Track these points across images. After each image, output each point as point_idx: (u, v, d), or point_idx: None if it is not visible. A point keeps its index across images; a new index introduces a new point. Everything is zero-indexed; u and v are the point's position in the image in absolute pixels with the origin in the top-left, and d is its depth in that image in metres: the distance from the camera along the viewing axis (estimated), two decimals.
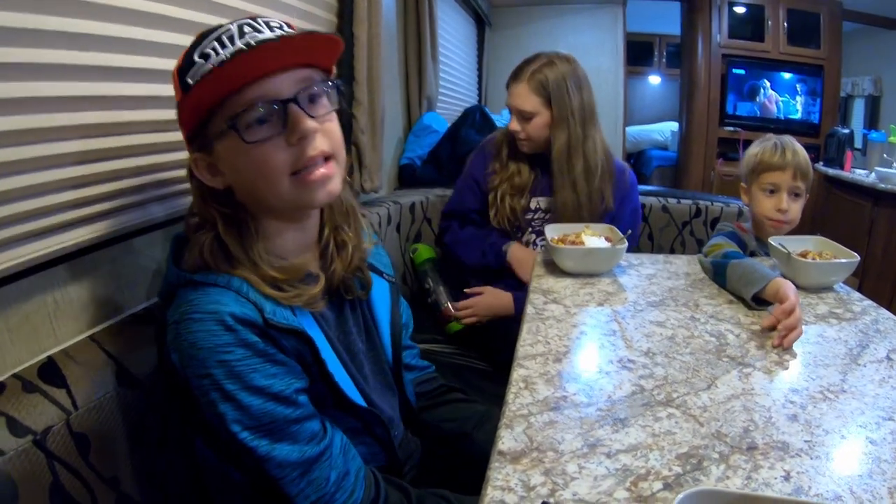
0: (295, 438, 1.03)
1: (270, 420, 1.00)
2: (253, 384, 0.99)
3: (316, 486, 1.05)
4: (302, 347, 1.08)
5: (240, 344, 0.99)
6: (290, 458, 1.02)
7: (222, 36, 1.01)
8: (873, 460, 0.93)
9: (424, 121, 3.47)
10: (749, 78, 7.09)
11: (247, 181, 1.07)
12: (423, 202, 2.85)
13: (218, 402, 0.97)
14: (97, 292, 1.27)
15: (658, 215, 3.01)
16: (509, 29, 6.46)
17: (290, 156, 1.04)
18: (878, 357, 1.30)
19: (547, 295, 1.64)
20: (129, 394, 1.16)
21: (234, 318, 0.99)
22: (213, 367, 0.97)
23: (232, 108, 1.00)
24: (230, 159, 1.05)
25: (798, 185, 1.93)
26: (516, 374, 1.20)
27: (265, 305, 1.03)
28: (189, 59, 1.02)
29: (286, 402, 1.03)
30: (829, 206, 5.49)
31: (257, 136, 1.01)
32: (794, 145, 1.96)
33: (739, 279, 1.62)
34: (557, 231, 1.96)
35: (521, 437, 0.99)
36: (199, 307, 0.99)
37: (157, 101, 1.36)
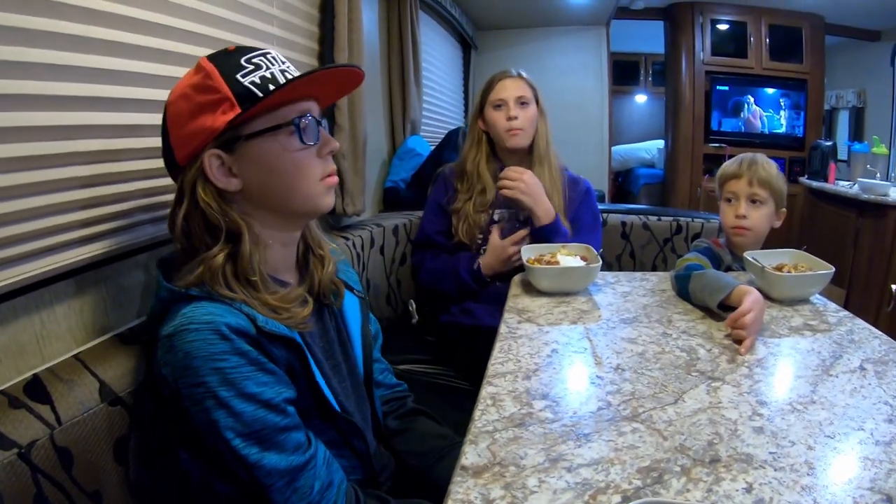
0: (283, 447, 1.06)
1: (261, 427, 1.03)
2: (246, 391, 1.02)
3: (301, 494, 1.08)
4: (291, 357, 1.13)
5: (234, 352, 1.03)
6: (279, 467, 1.05)
7: (266, 55, 1.16)
8: (839, 470, 0.93)
9: (408, 144, 3.48)
10: (733, 94, 7.12)
11: (280, 181, 1.16)
12: (406, 224, 2.85)
13: (212, 409, 1.00)
14: (83, 313, 1.31)
15: (639, 233, 3.00)
16: (495, 51, 6.50)
17: (321, 165, 1.20)
18: (851, 367, 1.29)
19: (521, 314, 1.64)
20: (113, 411, 1.17)
21: (230, 328, 1.03)
22: (208, 375, 1.00)
23: (285, 113, 1.14)
24: (267, 158, 1.14)
25: (756, 192, 1.98)
26: (484, 392, 1.20)
27: (258, 317, 1.08)
28: (234, 61, 1.12)
29: (276, 410, 1.06)
30: (815, 219, 5.51)
31: (309, 140, 1.16)
32: (756, 157, 2.03)
33: (703, 290, 1.64)
34: (533, 251, 1.98)
35: (484, 452, 0.99)
36: (195, 318, 1.03)
37: (141, 130, 1.42)
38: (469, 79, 6.00)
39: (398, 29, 3.46)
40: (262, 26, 2.01)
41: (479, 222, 2.39)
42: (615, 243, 3.01)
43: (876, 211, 4.45)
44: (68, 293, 1.27)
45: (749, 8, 6.84)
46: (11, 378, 1.12)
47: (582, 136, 6.37)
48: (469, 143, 2.47)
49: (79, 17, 1.24)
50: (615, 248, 3.01)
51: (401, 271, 2.81)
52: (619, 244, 3.02)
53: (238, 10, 1.85)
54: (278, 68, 1.15)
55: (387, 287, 2.70)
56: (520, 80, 2.41)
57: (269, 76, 1.12)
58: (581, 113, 6.44)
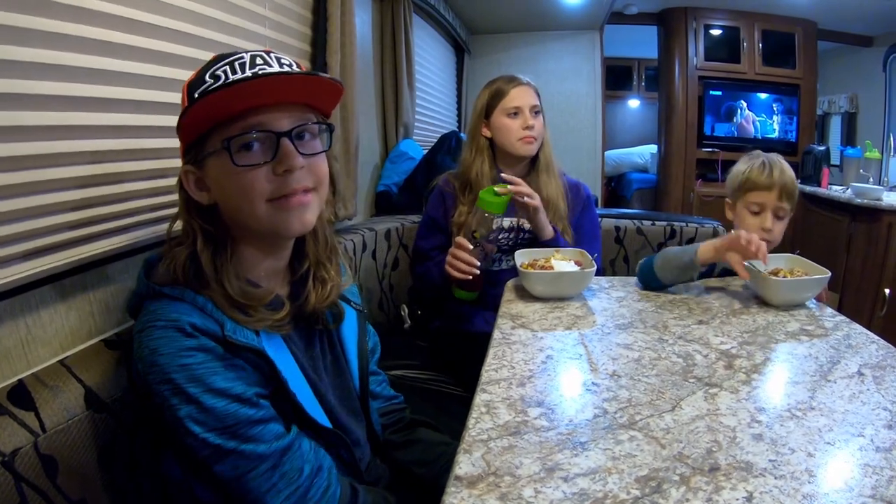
0: (260, 439, 1.05)
1: (235, 422, 1.02)
2: (214, 386, 1.01)
3: (288, 479, 1.07)
4: (260, 365, 1.11)
5: (200, 349, 1.03)
6: (258, 451, 1.04)
7: (235, 62, 1.08)
8: (840, 477, 0.92)
9: (401, 147, 3.48)
10: (726, 99, 7.14)
11: (229, 201, 1.12)
12: (398, 229, 2.84)
13: (180, 406, 1.00)
14: (69, 318, 1.30)
15: (633, 238, 3.00)
16: (488, 56, 6.50)
17: (273, 185, 1.10)
18: (849, 372, 1.28)
19: (515, 320, 1.63)
20: (98, 417, 1.16)
21: (194, 327, 1.03)
22: (175, 372, 1.00)
23: (229, 130, 1.07)
24: (218, 177, 1.11)
25: (783, 205, 1.94)
26: (478, 399, 1.18)
27: (226, 323, 1.08)
28: (201, 76, 1.09)
29: (248, 404, 1.05)
30: (808, 223, 5.51)
31: (247, 161, 1.08)
32: (781, 164, 1.97)
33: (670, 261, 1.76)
34: (527, 256, 1.97)
35: (478, 462, 0.97)
36: (162, 316, 1.04)
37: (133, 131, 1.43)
38: (462, 83, 6.00)
39: (391, 32, 3.47)
40: (254, 27, 2.01)
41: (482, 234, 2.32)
42: (609, 248, 3.00)
43: (869, 215, 4.45)
44: (54, 297, 1.26)
45: (742, 13, 6.86)
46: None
47: (575, 141, 6.39)
48: (471, 151, 2.41)
49: (72, 17, 1.23)
50: (609, 253, 3.01)
51: (393, 276, 2.81)
52: (613, 249, 3.01)
53: (231, 12, 1.84)
54: (239, 75, 1.07)
55: (379, 292, 2.69)
56: (530, 88, 2.37)
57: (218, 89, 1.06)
58: (574, 118, 6.45)
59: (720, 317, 1.63)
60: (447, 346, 2.40)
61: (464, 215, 2.34)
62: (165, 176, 1.54)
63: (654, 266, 1.79)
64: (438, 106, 5.10)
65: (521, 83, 2.36)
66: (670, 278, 1.80)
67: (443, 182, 2.49)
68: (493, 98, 2.37)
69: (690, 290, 1.86)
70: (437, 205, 2.45)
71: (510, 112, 2.32)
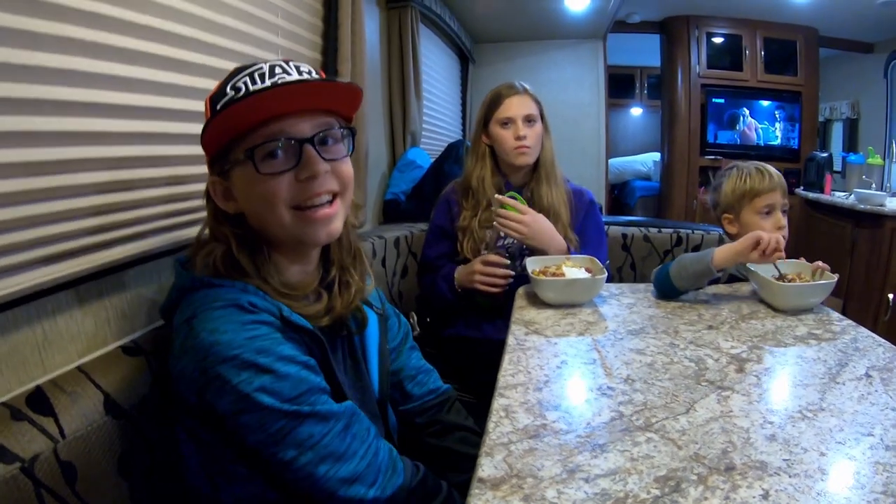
0: (329, 402, 1.07)
1: (307, 388, 1.04)
2: (284, 354, 1.03)
3: (360, 438, 1.09)
4: (314, 348, 1.14)
5: (263, 322, 1.05)
6: (334, 408, 1.06)
7: (255, 73, 1.10)
8: (852, 475, 0.93)
9: (408, 156, 3.49)
10: (728, 107, 7.16)
11: (254, 209, 1.15)
12: (407, 237, 2.86)
13: (251, 380, 0.99)
14: (86, 323, 1.29)
15: (640, 245, 3.02)
16: (492, 65, 6.52)
17: (296, 191, 1.12)
18: (857, 375, 1.30)
19: (528, 326, 1.64)
20: (117, 424, 1.16)
21: (253, 305, 1.06)
22: (241, 346, 1.00)
23: (252, 140, 1.09)
24: (243, 187, 1.13)
25: (786, 202, 2.02)
26: (497, 404, 1.19)
27: (282, 307, 1.11)
28: (222, 89, 1.12)
29: (315, 371, 1.08)
30: (811, 230, 5.52)
31: (270, 169, 1.10)
32: (771, 167, 2.05)
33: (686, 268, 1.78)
34: (538, 263, 1.99)
35: (500, 464, 0.99)
36: (220, 297, 1.06)
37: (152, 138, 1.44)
38: (467, 92, 6.01)
39: (399, 41, 3.48)
40: (267, 36, 2.04)
41: (485, 238, 2.38)
42: (616, 255, 3.02)
43: (872, 221, 4.47)
44: (71, 303, 1.26)
45: (744, 21, 6.88)
46: (13, 389, 1.11)
47: (578, 149, 6.38)
48: (473, 159, 2.43)
49: (88, 23, 1.24)
50: (616, 260, 3.02)
51: (402, 283, 2.82)
52: (620, 256, 3.03)
53: (244, 20, 1.87)
54: (259, 86, 1.09)
55: (388, 299, 2.69)
56: (526, 96, 2.37)
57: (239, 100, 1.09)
58: (578, 126, 6.45)
59: (729, 322, 1.64)
60: (456, 352, 2.40)
61: (467, 220, 2.37)
62: (183, 182, 1.55)
63: (671, 274, 1.81)
64: (444, 115, 5.11)
65: (516, 92, 2.37)
66: (686, 285, 1.82)
67: (449, 190, 2.52)
68: (489, 107, 2.40)
69: (699, 297, 1.87)
70: (443, 212, 2.48)
71: (503, 122, 2.34)
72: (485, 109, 2.41)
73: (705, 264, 1.77)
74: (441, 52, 5.12)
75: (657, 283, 1.89)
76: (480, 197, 2.37)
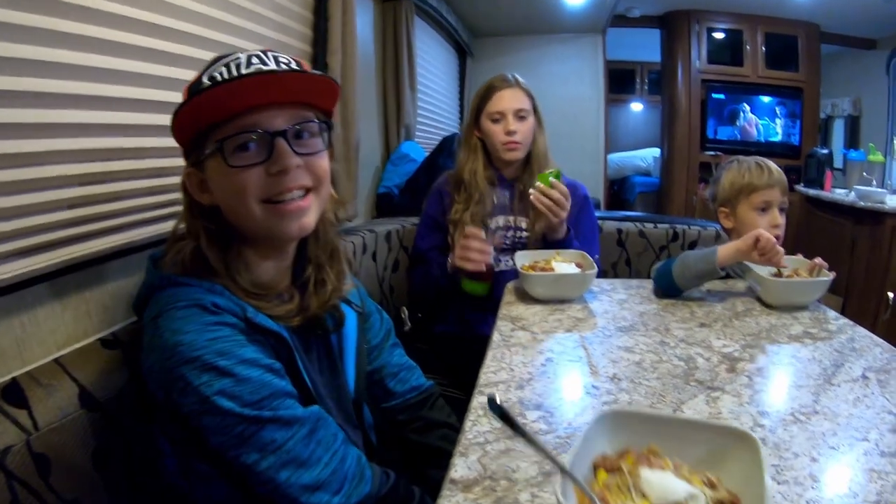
0: (294, 407, 1.04)
1: (270, 392, 1.01)
2: (246, 357, 1.00)
3: (325, 445, 1.06)
4: (279, 351, 1.10)
5: (224, 324, 1.02)
6: (297, 413, 1.03)
7: (231, 63, 1.06)
8: (845, 483, 0.90)
9: (402, 150, 3.47)
10: (729, 102, 7.13)
11: (226, 202, 1.11)
12: (398, 230, 2.82)
13: (211, 382, 0.97)
14: (65, 317, 1.28)
15: (635, 240, 2.98)
16: (490, 59, 6.51)
17: (267, 185, 1.09)
18: (853, 376, 1.27)
19: (515, 322, 1.62)
20: (92, 417, 1.15)
21: (216, 306, 1.03)
22: (202, 348, 0.97)
23: (224, 131, 1.06)
24: (216, 179, 1.10)
25: (785, 200, 1.98)
26: (475, 402, 1.17)
27: (247, 308, 1.07)
28: (199, 78, 1.09)
29: (279, 375, 1.05)
30: (811, 227, 5.50)
31: (241, 162, 1.06)
32: (771, 163, 2.01)
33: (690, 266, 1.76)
34: (527, 258, 1.96)
35: (474, 465, 0.96)
36: (183, 297, 1.03)
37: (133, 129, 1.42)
38: (465, 86, 6.00)
39: (393, 33, 3.48)
40: (256, 28, 2.00)
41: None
42: (611, 251, 2.98)
43: (873, 219, 4.44)
44: (50, 295, 1.25)
45: (745, 16, 6.85)
46: None
47: (578, 145, 6.38)
48: (465, 152, 2.40)
49: (72, 15, 1.22)
50: (611, 256, 2.99)
51: (393, 278, 2.79)
52: (615, 252, 2.99)
53: (232, 12, 1.84)
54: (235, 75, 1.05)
55: (379, 294, 2.67)
56: (518, 89, 2.34)
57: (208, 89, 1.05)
58: (577, 121, 6.45)
59: (723, 319, 1.62)
60: (448, 349, 2.37)
61: (459, 213, 2.34)
62: (163, 175, 1.53)
63: (674, 273, 1.77)
64: (440, 108, 5.10)
65: (508, 85, 2.34)
66: (690, 285, 1.79)
67: (442, 181, 2.49)
68: (481, 100, 2.37)
69: (693, 293, 1.84)
70: (435, 203, 2.44)
71: (493, 117, 2.31)
72: (477, 101, 2.39)
73: (711, 264, 1.74)
74: (438, 45, 5.10)
75: (659, 280, 1.86)
76: (472, 190, 2.34)
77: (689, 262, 1.78)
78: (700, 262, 1.76)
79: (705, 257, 1.76)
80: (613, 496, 0.80)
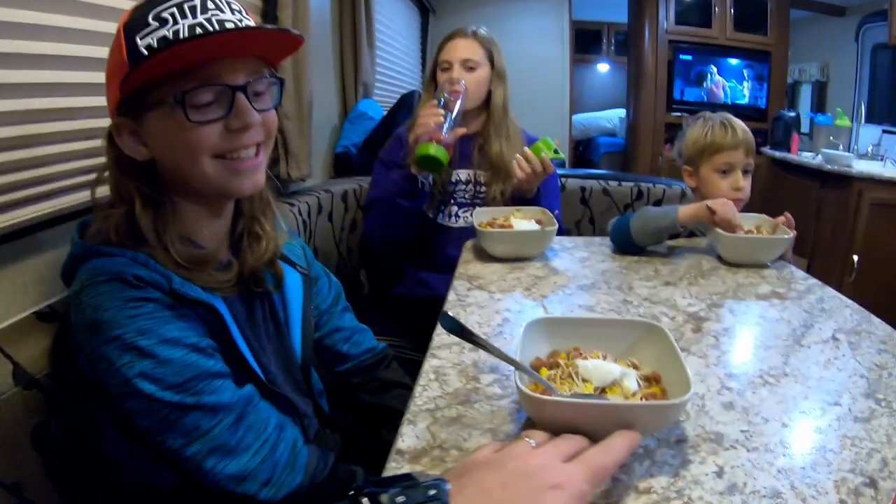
0: (221, 391, 0.97)
1: (194, 373, 0.95)
2: (168, 336, 0.95)
3: (255, 431, 1.00)
4: (211, 323, 1.04)
5: (148, 299, 0.96)
6: (223, 400, 0.97)
7: (184, 4, 0.97)
8: (817, 450, 0.85)
9: (360, 108, 3.39)
10: (696, 64, 7.11)
11: (173, 157, 1.04)
12: (356, 190, 2.74)
13: (132, 363, 0.92)
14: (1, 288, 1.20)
15: (599, 198, 2.94)
16: (453, 16, 6.38)
17: (224, 141, 1.03)
18: (823, 337, 1.23)
19: (472, 281, 1.56)
20: (28, 395, 1.07)
21: (139, 279, 0.96)
22: (123, 326, 0.92)
23: (182, 82, 0.98)
24: (162, 132, 1.02)
25: (749, 161, 1.91)
26: (427, 366, 1.11)
27: (173, 277, 1.01)
28: (142, 18, 0.97)
29: (206, 354, 0.98)
30: (778, 189, 5.54)
31: (201, 117, 1.00)
32: (738, 122, 1.95)
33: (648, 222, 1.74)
34: (486, 215, 1.91)
35: (423, 434, 0.90)
36: (103, 270, 0.97)
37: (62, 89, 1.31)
38: (427, 43, 5.91)
39: None
40: None
41: (442, 180, 2.32)
42: (574, 209, 2.94)
43: (839, 182, 4.46)
44: None
45: None
46: None
47: (542, 104, 6.31)
48: (423, 102, 2.35)
49: None
50: (574, 214, 2.94)
51: (351, 239, 2.71)
52: (578, 210, 2.95)
53: None
54: (191, 21, 0.97)
55: (336, 255, 2.59)
56: (472, 40, 2.31)
57: (171, 35, 0.96)
58: (541, 81, 6.38)
59: (688, 278, 1.58)
60: (407, 311, 2.34)
61: None
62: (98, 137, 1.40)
63: (632, 229, 1.73)
64: (401, 65, 5.03)
65: (462, 35, 2.34)
66: (647, 241, 1.75)
67: (403, 129, 2.44)
68: (437, 51, 2.38)
69: (657, 251, 1.81)
70: (396, 147, 2.35)
71: (443, 66, 2.31)
72: (435, 53, 2.39)
73: (671, 220, 1.71)
74: (398, 1, 4.98)
75: (615, 235, 1.83)
76: None
77: (649, 218, 1.75)
78: (661, 219, 1.73)
79: (666, 214, 1.73)
80: (559, 384, 0.91)
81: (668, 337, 0.96)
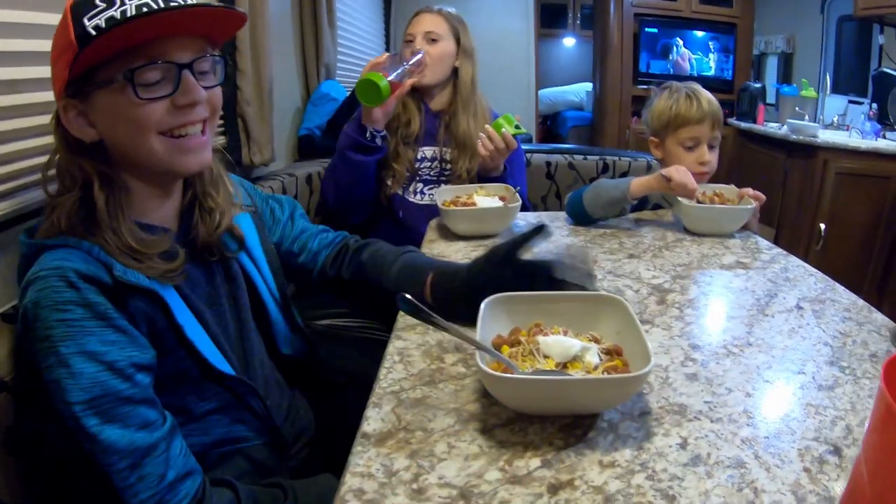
0: (125, 421, 0.94)
1: (101, 393, 0.92)
2: (87, 348, 0.93)
3: (147, 483, 0.94)
4: (153, 311, 1.03)
5: (81, 303, 0.94)
6: (118, 444, 0.92)
7: None
8: (781, 419, 0.86)
9: (322, 89, 3.34)
10: (662, 37, 7.11)
11: (121, 136, 1.04)
12: (320, 173, 2.69)
13: (54, 367, 0.91)
14: None
15: (565, 173, 2.92)
16: None
17: (170, 118, 1.04)
18: (787, 306, 1.24)
19: None
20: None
21: (78, 275, 0.94)
22: (53, 328, 0.91)
23: (129, 60, 0.98)
24: (111, 110, 1.02)
25: (715, 134, 1.90)
26: (391, 347, 1.11)
27: (115, 265, 0.99)
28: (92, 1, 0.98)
29: (120, 376, 0.95)
30: (744, 160, 5.58)
31: (149, 94, 1.00)
32: (705, 93, 1.93)
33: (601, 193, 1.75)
34: (449, 193, 1.90)
35: (388, 416, 0.89)
36: (45, 265, 0.95)
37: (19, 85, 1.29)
38: (390, 21, 5.83)
39: None
40: None
41: (408, 156, 2.30)
42: (540, 184, 2.93)
43: (804, 152, 4.49)
44: None
45: None
46: None
47: (507, 79, 6.25)
48: None
49: None
50: (540, 189, 2.93)
51: (316, 222, 2.66)
52: (544, 185, 2.94)
53: None
54: (138, 1, 0.97)
55: None
56: (437, 15, 2.33)
57: (118, 15, 0.96)
58: (507, 55, 6.30)
59: (652, 250, 1.58)
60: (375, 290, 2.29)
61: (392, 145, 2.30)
62: None
63: (584, 200, 1.73)
64: (364, 45, 4.94)
65: (427, 11, 2.36)
66: (601, 213, 1.75)
67: None
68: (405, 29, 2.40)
69: (622, 224, 1.81)
70: None
71: (407, 38, 2.34)
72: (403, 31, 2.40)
73: (621, 191, 1.71)
74: None
75: (570, 208, 1.84)
76: (400, 113, 2.30)
77: (600, 190, 1.75)
78: (613, 189, 1.73)
79: (618, 185, 1.74)
80: (521, 362, 0.93)
81: (628, 310, 0.98)
